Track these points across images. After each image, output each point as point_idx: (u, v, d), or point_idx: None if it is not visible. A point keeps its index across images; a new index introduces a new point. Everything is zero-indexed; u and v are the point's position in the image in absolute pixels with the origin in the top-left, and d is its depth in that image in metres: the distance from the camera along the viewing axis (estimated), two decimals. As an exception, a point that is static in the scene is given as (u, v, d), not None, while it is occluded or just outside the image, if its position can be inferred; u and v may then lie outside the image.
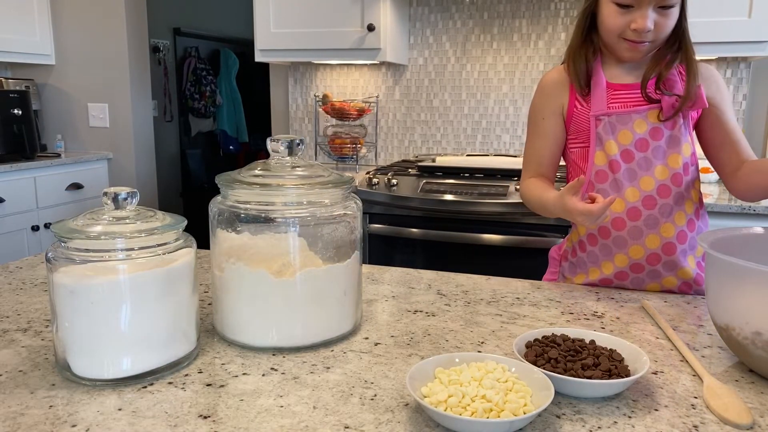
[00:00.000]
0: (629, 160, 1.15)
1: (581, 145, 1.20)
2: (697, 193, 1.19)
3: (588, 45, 1.19)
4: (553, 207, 1.10)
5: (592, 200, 1.01)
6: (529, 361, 0.74)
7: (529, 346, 0.79)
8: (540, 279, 1.29)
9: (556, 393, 0.71)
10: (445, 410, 0.63)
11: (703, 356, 0.84)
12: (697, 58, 1.16)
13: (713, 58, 2.37)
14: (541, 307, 1.04)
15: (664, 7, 1.08)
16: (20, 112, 2.98)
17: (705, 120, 1.18)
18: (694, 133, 1.20)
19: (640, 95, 1.16)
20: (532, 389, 0.68)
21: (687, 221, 1.17)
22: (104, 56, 3.32)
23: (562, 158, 1.27)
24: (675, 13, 1.10)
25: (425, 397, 0.66)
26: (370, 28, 2.45)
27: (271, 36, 2.60)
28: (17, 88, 3.14)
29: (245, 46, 5.02)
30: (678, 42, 1.14)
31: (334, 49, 2.55)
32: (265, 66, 3.04)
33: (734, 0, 2.09)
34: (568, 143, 1.23)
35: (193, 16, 4.86)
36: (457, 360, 0.73)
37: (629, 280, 1.18)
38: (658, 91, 1.14)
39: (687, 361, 0.82)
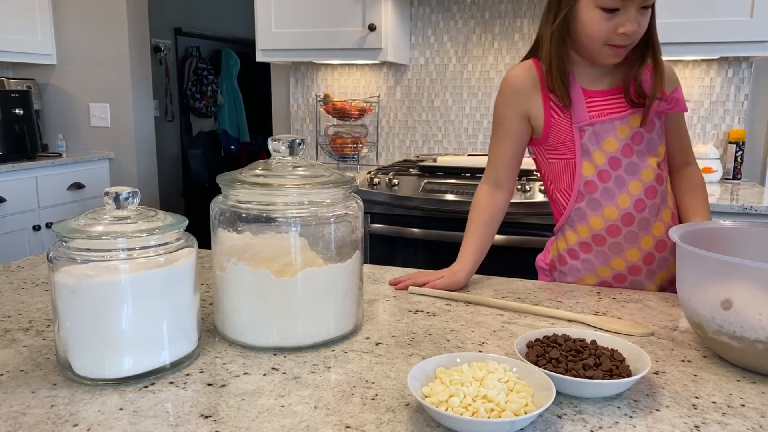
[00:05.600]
0: (617, 167, 1.14)
1: (562, 156, 1.17)
2: (669, 185, 1.22)
3: (564, 53, 1.14)
4: (459, 257, 1.19)
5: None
6: (531, 361, 0.74)
7: (530, 346, 0.79)
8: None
9: (558, 393, 0.71)
10: (446, 410, 0.63)
11: (704, 356, 0.84)
12: (698, 58, 1.17)
13: (714, 58, 2.37)
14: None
15: (645, 7, 1.06)
16: (21, 112, 2.98)
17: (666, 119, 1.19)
18: None
19: (615, 101, 1.14)
20: (534, 389, 0.68)
21: (671, 216, 1.19)
22: (106, 56, 3.32)
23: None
24: (650, 12, 1.08)
25: (426, 397, 0.66)
26: (372, 27, 2.45)
27: (273, 36, 2.60)
28: (19, 87, 3.14)
29: (246, 46, 5.03)
30: (648, 41, 1.12)
31: (335, 48, 2.55)
32: (266, 66, 3.05)
33: (736, 0, 2.09)
34: (547, 155, 1.19)
35: (195, 16, 4.86)
36: (458, 360, 0.73)
37: (628, 282, 1.18)
38: (640, 98, 1.12)
39: (578, 321, 0.95)
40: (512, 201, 2.09)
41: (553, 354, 0.75)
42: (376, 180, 2.26)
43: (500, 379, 0.68)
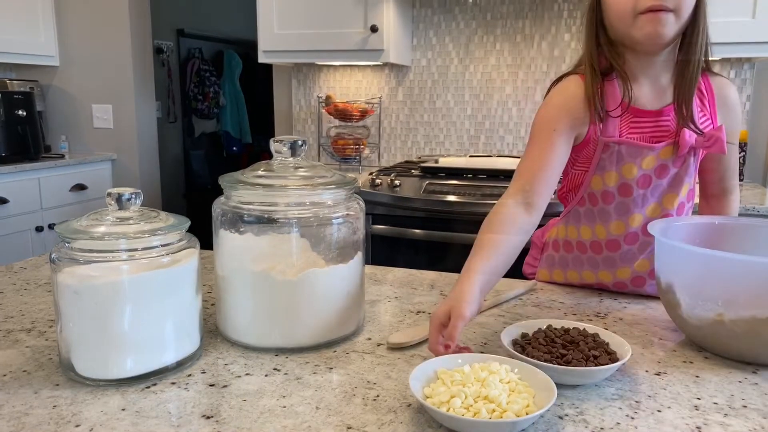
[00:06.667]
0: (626, 195, 1.05)
1: (582, 168, 1.08)
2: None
3: (602, 55, 1.03)
4: (462, 273, 0.88)
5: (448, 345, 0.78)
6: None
7: (516, 342, 0.82)
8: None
9: (559, 395, 0.71)
10: (447, 411, 0.63)
11: (705, 357, 0.84)
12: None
13: (717, 59, 2.36)
14: (543, 308, 1.04)
15: None
16: (24, 114, 2.99)
17: None
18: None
19: (661, 124, 1.03)
20: (535, 390, 0.68)
21: None
22: (108, 58, 3.33)
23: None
24: None
25: (428, 397, 0.67)
26: (374, 29, 2.46)
27: (275, 37, 2.61)
28: (22, 89, 3.15)
29: (249, 48, 5.03)
30: (697, 42, 1.00)
31: (337, 50, 2.55)
32: (268, 67, 3.05)
33: (738, 1, 2.09)
34: (570, 163, 1.09)
35: (197, 17, 4.87)
36: (459, 361, 0.73)
37: (628, 289, 1.14)
38: (683, 123, 1.01)
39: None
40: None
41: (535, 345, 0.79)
42: (378, 181, 2.26)
43: (502, 379, 0.68)
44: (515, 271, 1.09)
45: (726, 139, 1.01)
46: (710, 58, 1.06)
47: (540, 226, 1.15)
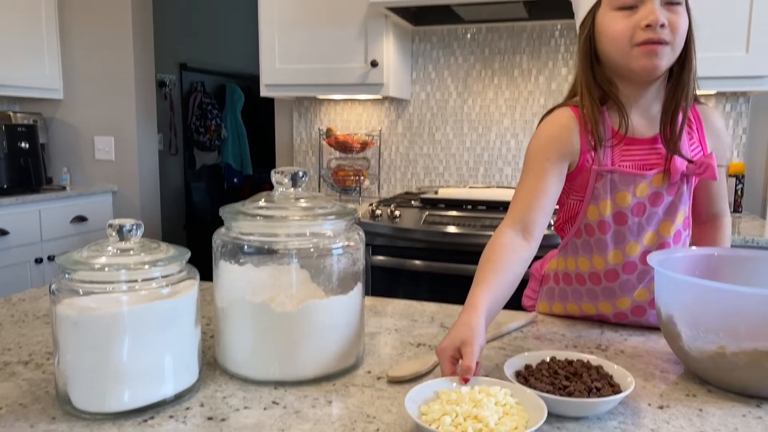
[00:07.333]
0: (621, 223, 1.06)
1: (577, 197, 1.09)
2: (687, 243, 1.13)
3: (597, 85, 1.05)
4: (466, 305, 0.89)
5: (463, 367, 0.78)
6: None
7: (519, 374, 0.81)
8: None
9: (557, 419, 0.70)
10: (437, 428, 0.64)
11: (709, 391, 0.84)
12: (696, 93, 1.09)
13: (712, 93, 2.40)
14: (545, 340, 1.03)
15: (670, 3, 0.97)
16: (27, 146, 3.01)
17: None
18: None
19: (653, 152, 1.05)
20: (530, 414, 0.69)
21: None
22: (111, 90, 3.37)
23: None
24: (684, 13, 0.99)
25: (423, 415, 0.68)
26: (374, 63, 2.50)
27: (277, 71, 2.65)
28: (25, 121, 3.18)
29: (251, 81, 5.10)
30: (690, 73, 1.02)
31: (338, 84, 2.59)
32: (270, 100, 3.09)
33: (732, 35, 2.13)
34: (565, 193, 1.12)
35: (200, 51, 4.95)
36: (453, 384, 0.75)
37: (628, 320, 1.14)
38: (671, 152, 1.03)
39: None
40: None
41: (537, 376, 0.79)
42: (378, 212, 2.27)
43: (498, 402, 0.69)
44: (514, 303, 1.09)
45: (717, 163, 1.04)
46: (701, 92, 1.08)
47: (539, 257, 1.17)
